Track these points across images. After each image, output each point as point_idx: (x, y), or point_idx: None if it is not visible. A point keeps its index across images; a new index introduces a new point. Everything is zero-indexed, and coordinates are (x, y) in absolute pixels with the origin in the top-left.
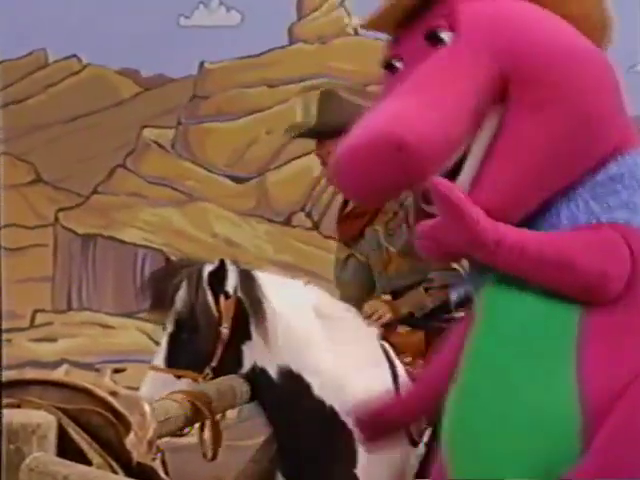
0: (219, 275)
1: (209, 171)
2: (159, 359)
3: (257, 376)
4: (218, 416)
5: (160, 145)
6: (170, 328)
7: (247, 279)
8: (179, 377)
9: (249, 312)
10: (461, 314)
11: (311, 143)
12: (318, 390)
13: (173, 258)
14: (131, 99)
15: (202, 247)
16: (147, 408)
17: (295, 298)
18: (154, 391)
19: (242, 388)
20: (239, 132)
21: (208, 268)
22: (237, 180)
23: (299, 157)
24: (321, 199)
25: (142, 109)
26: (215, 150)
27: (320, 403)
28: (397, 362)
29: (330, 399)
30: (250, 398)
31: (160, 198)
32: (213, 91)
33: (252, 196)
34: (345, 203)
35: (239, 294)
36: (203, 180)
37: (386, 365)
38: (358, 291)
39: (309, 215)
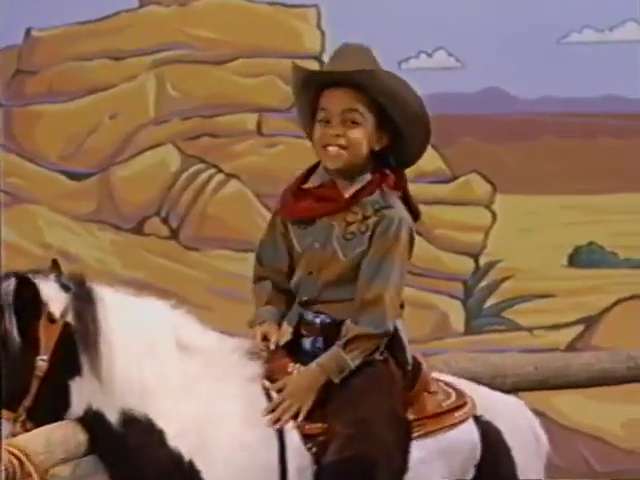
0: (42, 292)
1: (38, 165)
2: None
3: (93, 422)
4: (47, 473)
5: None
6: None
7: (82, 299)
8: None
9: (78, 343)
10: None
11: (166, 129)
12: (174, 439)
13: None
14: None
15: (30, 260)
16: None
17: (149, 326)
18: None
19: (78, 437)
20: (76, 116)
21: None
22: (74, 177)
23: (152, 148)
24: (180, 201)
25: None
26: (46, 139)
27: (176, 455)
28: None
29: (190, 452)
30: (88, 450)
31: None
32: (42, 65)
33: (93, 197)
34: (307, 177)
35: (68, 318)
36: (31, 177)
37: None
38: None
39: (165, 221)
